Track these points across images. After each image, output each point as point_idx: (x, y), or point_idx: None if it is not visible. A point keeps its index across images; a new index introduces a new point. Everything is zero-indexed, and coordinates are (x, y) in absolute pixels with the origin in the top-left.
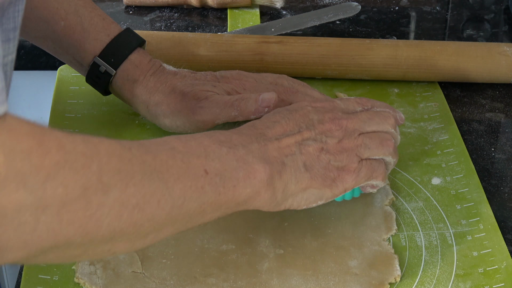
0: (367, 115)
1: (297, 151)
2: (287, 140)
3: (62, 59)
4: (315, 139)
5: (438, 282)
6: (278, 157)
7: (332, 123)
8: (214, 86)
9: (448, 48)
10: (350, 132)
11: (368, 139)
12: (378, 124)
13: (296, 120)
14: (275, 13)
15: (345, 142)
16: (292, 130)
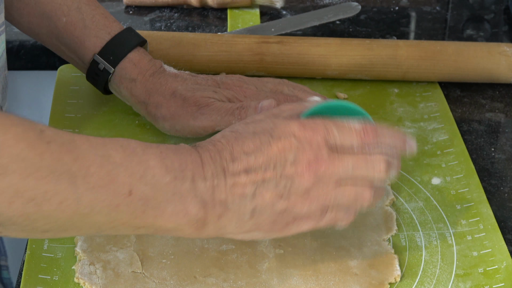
0: (354, 161)
1: (249, 194)
2: (244, 178)
3: (65, 57)
4: (277, 184)
5: (438, 282)
6: (225, 199)
7: (307, 168)
8: (215, 92)
9: (448, 48)
10: (325, 180)
11: (341, 194)
12: (362, 172)
13: (269, 155)
14: (275, 13)
15: (314, 191)
16: (257, 167)
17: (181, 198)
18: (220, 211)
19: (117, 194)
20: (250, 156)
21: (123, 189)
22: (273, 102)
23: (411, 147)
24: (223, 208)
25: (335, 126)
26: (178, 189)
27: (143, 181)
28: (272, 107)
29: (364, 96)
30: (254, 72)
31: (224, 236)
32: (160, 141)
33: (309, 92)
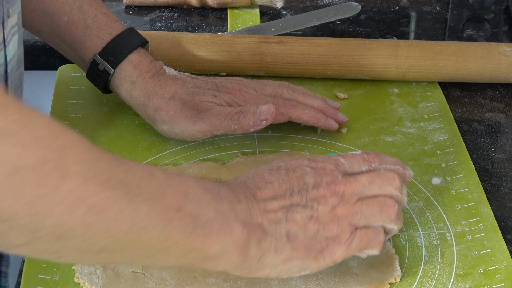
0: (369, 178)
1: (282, 218)
2: (274, 204)
3: (66, 55)
4: (305, 206)
5: (438, 282)
6: (261, 222)
7: (327, 188)
8: (215, 96)
9: (448, 48)
10: (347, 198)
11: (365, 206)
12: (380, 187)
13: (290, 182)
14: (275, 13)
15: (340, 209)
16: (283, 193)
17: (224, 217)
18: (259, 234)
19: (168, 208)
20: (274, 184)
21: (173, 204)
22: (272, 107)
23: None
24: (262, 232)
25: (341, 156)
26: (219, 208)
27: (188, 198)
28: (271, 112)
29: (364, 96)
30: (254, 72)
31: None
32: (160, 141)
33: (309, 94)
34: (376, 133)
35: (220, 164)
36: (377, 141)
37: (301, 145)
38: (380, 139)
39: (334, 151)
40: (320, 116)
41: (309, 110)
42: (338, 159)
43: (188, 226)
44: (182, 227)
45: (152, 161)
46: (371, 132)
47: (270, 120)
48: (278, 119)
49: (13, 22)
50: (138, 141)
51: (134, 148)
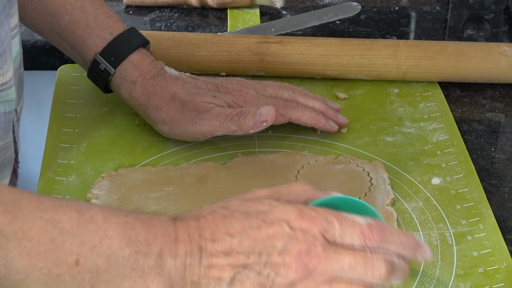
0: (351, 260)
1: (227, 280)
2: (223, 260)
3: (67, 54)
4: (259, 273)
5: (438, 282)
6: (197, 281)
7: (296, 259)
8: (215, 97)
9: (448, 48)
10: (314, 275)
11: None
12: (360, 274)
13: (256, 240)
14: (275, 13)
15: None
16: (240, 251)
17: (142, 275)
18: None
19: (60, 262)
20: (235, 238)
21: (70, 257)
22: (272, 109)
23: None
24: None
25: (337, 218)
26: (139, 265)
27: (95, 252)
28: (271, 114)
29: (364, 96)
30: (254, 72)
31: None
32: (160, 141)
33: (310, 95)
34: (376, 133)
35: (220, 164)
36: (377, 141)
37: (301, 145)
38: (380, 139)
39: (335, 151)
40: (320, 117)
41: (309, 111)
42: (333, 222)
43: (85, 281)
44: (76, 282)
45: (152, 161)
46: (371, 132)
47: (270, 122)
48: (278, 120)
49: (14, 23)
50: (138, 141)
51: (134, 148)
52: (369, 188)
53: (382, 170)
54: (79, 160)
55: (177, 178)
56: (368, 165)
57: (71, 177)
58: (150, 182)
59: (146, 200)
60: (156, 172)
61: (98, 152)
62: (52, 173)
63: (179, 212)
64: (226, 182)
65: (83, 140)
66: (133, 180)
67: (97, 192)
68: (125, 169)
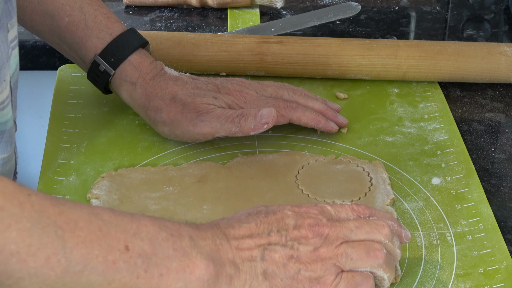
0: (356, 224)
1: (258, 256)
2: (249, 242)
3: (67, 55)
4: (284, 245)
5: (438, 282)
6: (233, 259)
7: (310, 230)
8: (215, 98)
9: (448, 48)
10: (331, 240)
11: (351, 249)
12: (368, 233)
13: (268, 222)
14: (275, 13)
15: (323, 250)
16: (260, 232)
17: (184, 253)
18: (231, 271)
19: (112, 249)
20: (251, 223)
21: (119, 244)
22: (273, 111)
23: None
24: (234, 269)
25: (327, 204)
26: (179, 245)
27: (139, 237)
28: (272, 116)
29: (364, 96)
30: (254, 72)
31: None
32: (160, 141)
33: (310, 96)
34: (376, 133)
35: (220, 164)
36: (377, 141)
37: (301, 145)
38: (380, 139)
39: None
40: (320, 118)
41: (309, 112)
42: (325, 206)
43: (139, 266)
44: (130, 268)
45: (152, 161)
46: (371, 132)
47: (271, 124)
48: (279, 121)
49: (13, 36)
50: (138, 141)
51: (134, 148)
52: (369, 188)
53: (382, 170)
54: (79, 160)
55: (177, 178)
56: (368, 165)
57: (71, 177)
58: (150, 182)
59: (146, 200)
60: (156, 172)
61: (98, 152)
62: (52, 173)
63: (179, 212)
64: (226, 182)
65: (83, 140)
66: (133, 180)
67: (97, 192)
68: (125, 169)
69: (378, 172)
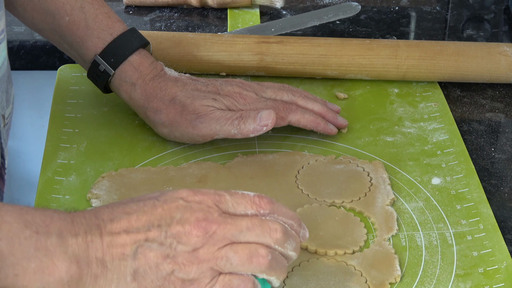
0: (248, 224)
1: (131, 254)
2: (124, 238)
3: (68, 54)
4: (161, 243)
5: (438, 282)
6: (102, 258)
7: (195, 226)
8: (215, 100)
9: (448, 48)
10: (215, 240)
11: (233, 253)
12: (258, 236)
13: (153, 215)
14: (275, 13)
15: (202, 252)
16: (139, 227)
17: (47, 253)
18: (97, 271)
19: None
20: (132, 215)
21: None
22: (272, 113)
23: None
24: (101, 268)
25: (227, 192)
26: (42, 244)
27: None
28: (271, 118)
29: (364, 96)
30: (254, 72)
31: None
32: (160, 141)
33: (310, 97)
34: (376, 133)
35: (220, 164)
36: (377, 141)
37: (301, 145)
38: (380, 139)
39: (334, 151)
40: (320, 120)
41: (308, 114)
42: (224, 195)
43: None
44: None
45: (152, 161)
46: (371, 132)
47: (270, 126)
48: (278, 123)
49: (1, 27)
50: (138, 141)
51: (134, 148)
52: (369, 188)
53: (382, 170)
54: (79, 160)
55: (177, 178)
56: (368, 165)
57: (71, 177)
58: (150, 182)
59: None
60: (156, 172)
61: (98, 152)
62: (52, 173)
63: None
64: (226, 182)
65: (83, 140)
66: (133, 180)
67: (97, 192)
68: (125, 169)
69: (378, 172)
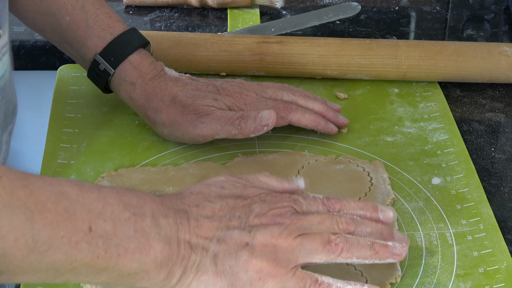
0: (318, 218)
1: (214, 239)
2: (208, 224)
3: (68, 54)
4: (242, 229)
5: (439, 282)
6: (189, 240)
7: (271, 219)
8: (215, 100)
9: (448, 48)
10: (290, 230)
11: (306, 240)
12: (328, 228)
13: (234, 207)
14: (275, 13)
15: (279, 240)
16: (222, 215)
17: (143, 234)
18: (184, 252)
19: (76, 230)
20: (215, 204)
21: (83, 225)
22: (273, 113)
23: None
24: (188, 249)
25: (301, 196)
26: (139, 225)
27: (102, 217)
28: (272, 118)
29: (364, 96)
30: (254, 72)
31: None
32: (160, 141)
33: (310, 97)
34: (376, 133)
35: (220, 164)
36: (377, 141)
37: (301, 145)
38: (380, 139)
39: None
40: (320, 120)
41: (309, 114)
42: (298, 198)
43: (99, 247)
44: (92, 248)
45: (152, 161)
46: (371, 132)
47: (271, 126)
48: (279, 123)
49: (4, 41)
50: (138, 141)
51: (134, 148)
52: (369, 188)
53: (382, 170)
54: (79, 160)
55: (177, 178)
56: (368, 165)
57: (71, 177)
58: (150, 182)
59: None
60: (156, 172)
61: (98, 152)
62: (52, 173)
63: None
64: None
65: (83, 140)
66: (133, 180)
67: None
68: (125, 169)
69: (378, 172)
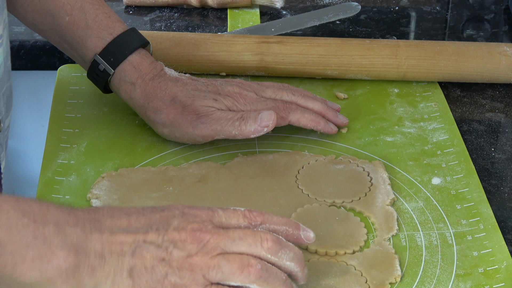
0: (240, 234)
1: (129, 252)
2: (123, 236)
3: (68, 54)
4: (159, 246)
5: (438, 282)
6: (100, 250)
7: (190, 234)
8: (215, 100)
9: (448, 48)
10: (208, 249)
11: (224, 261)
12: (250, 245)
13: (151, 219)
14: (275, 13)
15: (196, 259)
16: (138, 227)
17: (45, 241)
18: (95, 262)
19: None
20: (131, 216)
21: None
22: (273, 114)
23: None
24: (99, 259)
25: (220, 209)
26: (40, 232)
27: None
28: (272, 119)
29: (364, 96)
30: (254, 72)
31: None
32: (160, 141)
33: (310, 96)
34: (376, 133)
35: (220, 164)
36: (377, 141)
37: (301, 145)
38: (380, 139)
39: (334, 151)
40: (320, 119)
41: (308, 113)
42: (217, 210)
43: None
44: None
45: (152, 161)
46: (371, 132)
47: (271, 127)
48: (278, 123)
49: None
50: (138, 141)
51: (134, 148)
52: (369, 188)
53: (382, 170)
54: (79, 160)
55: (177, 178)
56: (368, 165)
57: (71, 177)
58: (150, 182)
59: (146, 200)
60: (156, 172)
61: (98, 152)
62: (52, 173)
63: None
64: (226, 182)
65: (83, 140)
66: (133, 180)
67: (97, 192)
68: (125, 169)
69: (378, 172)
